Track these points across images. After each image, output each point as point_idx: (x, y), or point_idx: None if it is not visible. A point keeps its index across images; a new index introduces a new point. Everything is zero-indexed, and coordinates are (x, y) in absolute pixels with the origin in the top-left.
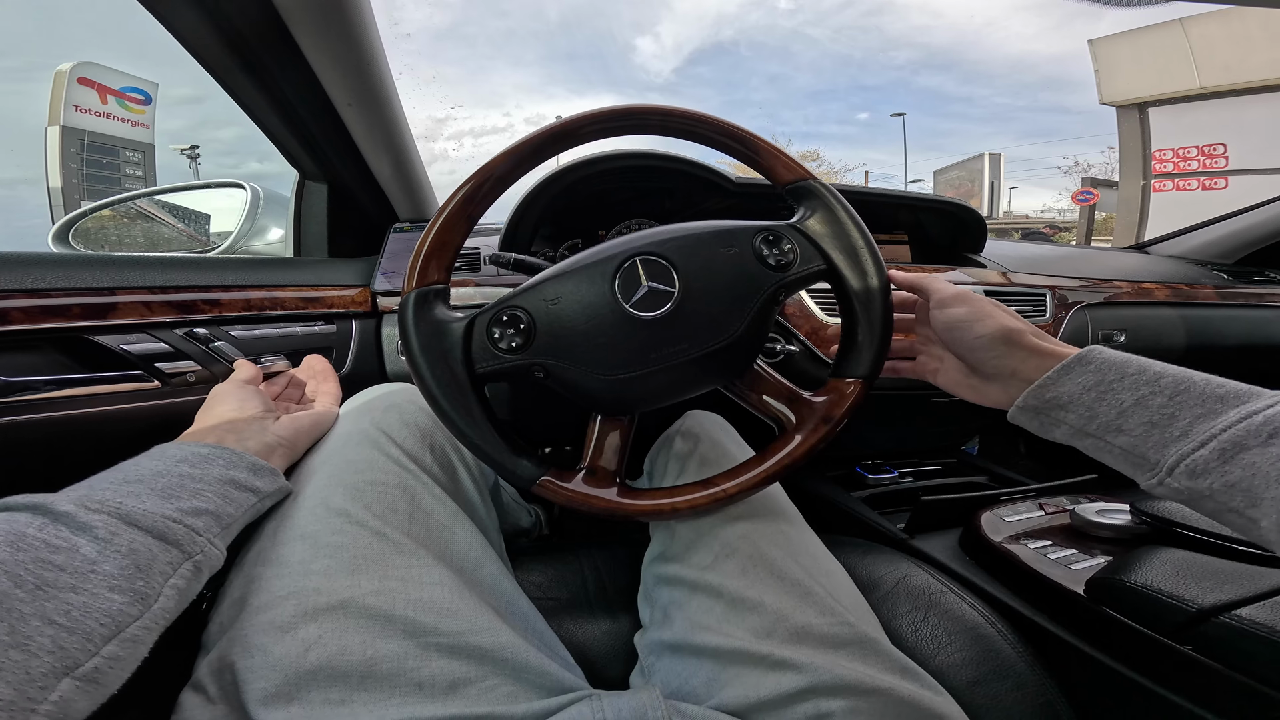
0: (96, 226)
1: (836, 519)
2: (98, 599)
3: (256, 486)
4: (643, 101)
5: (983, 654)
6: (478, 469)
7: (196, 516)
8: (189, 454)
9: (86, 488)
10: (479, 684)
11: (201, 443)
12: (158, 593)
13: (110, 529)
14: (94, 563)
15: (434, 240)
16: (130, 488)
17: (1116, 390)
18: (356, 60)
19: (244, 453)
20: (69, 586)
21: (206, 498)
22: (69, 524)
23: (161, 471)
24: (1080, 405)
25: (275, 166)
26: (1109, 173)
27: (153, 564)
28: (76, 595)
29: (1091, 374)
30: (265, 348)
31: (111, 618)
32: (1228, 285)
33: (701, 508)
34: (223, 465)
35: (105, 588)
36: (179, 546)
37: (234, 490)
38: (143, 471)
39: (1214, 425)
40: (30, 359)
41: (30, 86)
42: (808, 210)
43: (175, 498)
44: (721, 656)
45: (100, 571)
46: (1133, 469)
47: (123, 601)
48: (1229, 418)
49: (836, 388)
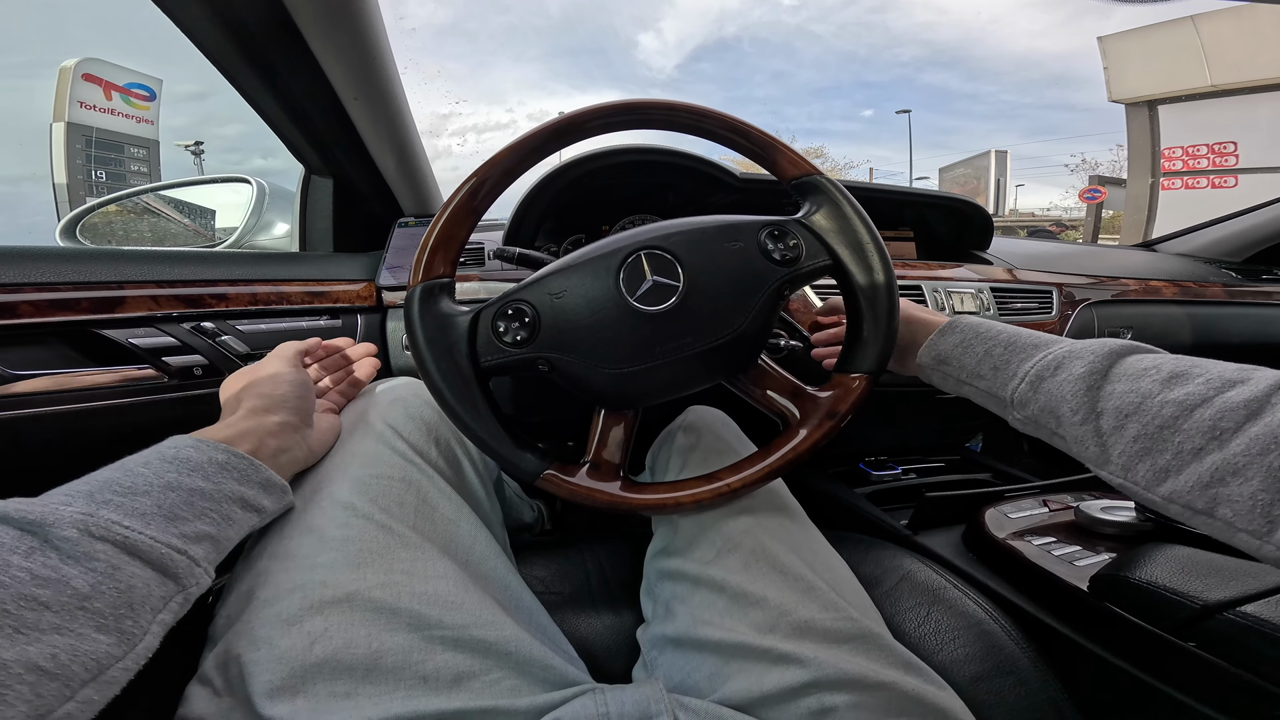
0: (103, 222)
1: (840, 515)
2: (83, 640)
3: (263, 506)
4: (647, 96)
5: (986, 650)
6: (483, 463)
7: (198, 543)
8: (205, 459)
9: (89, 502)
10: (483, 677)
11: (220, 444)
12: (144, 631)
13: (111, 561)
14: (84, 599)
15: (439, 235)
16: (137, 503)
17: (973, 345)
18: (362, 54)
19: (261, 465)
20: (53, 627)
21: (211, 519)
22: (62, 552)
23: (173, 484)
24: (954, 359)
25: (279, 163)
26: (1117, 170)
27: (146, 600)
28: (61, 637)
29: (958, 335)
30: (271, 342)
31: (96, 660)
32: (1236, 283)
33: (705, 502)
34: (235, 479)
35: (92, 627)
36: (176, 579)
37: (239, 510)
38: (152, 480)
39: (1026, 364)
40: (39, 352)
41: (34, 83)
42: (813, 205)
43: (180, 519)
44: (724, 651)
45: (89, 609)
46: (997, 407)
47: (108, 643)
48: (1035, 358)
49: (841, 383)
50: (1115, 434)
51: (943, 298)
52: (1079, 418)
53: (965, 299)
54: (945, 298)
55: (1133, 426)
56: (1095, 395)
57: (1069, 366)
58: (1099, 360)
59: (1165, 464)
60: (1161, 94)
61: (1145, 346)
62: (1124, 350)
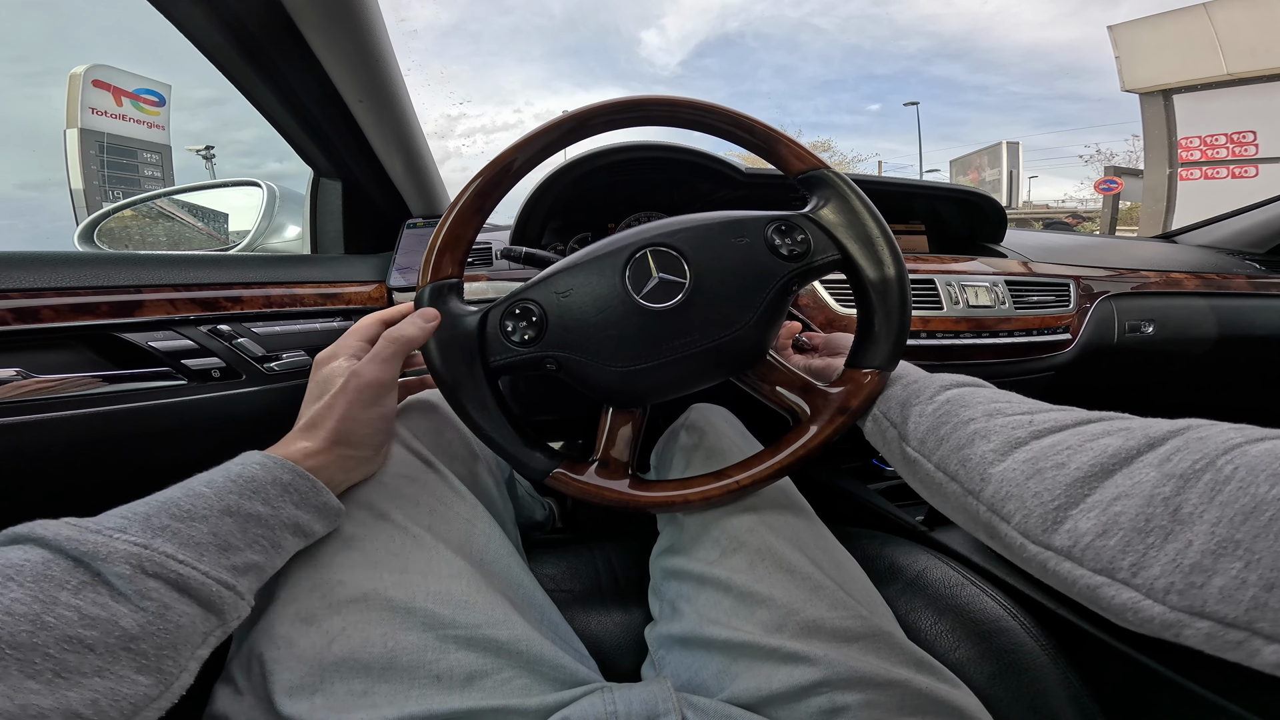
0: (120, 226)
1: (854, 511)
2: (123, 683)
3: (314, 532)
4: (651, 93)
5: (1004, 647)
6: (495, 462)
7: (245, 574)
8: (270, 479)
9: (145, 528)
10: (495, 676)
11: (287, 462)
12: (182, 669)
13: (163, 601)
14: (131, 640)
15: (447, 235)
16: (193, 530)
17: None
18: (365, 58)
19: (323, 488)
20: (95, 670)
21: (262, 547)
22: (114, 589)
23: (231, 508)
24: None
25: (294, 166)
26: (1133, 161)
27: (190, 638)
28: (102, 680)
29: None
30: (286, 344)
31: (133, 703)
32: (1261, 275)
33: (714, 499)
34: (294, 503)
35: (133, 669)
36: (220, 615)
37: (290, 537)
38: (212, 503)
39: None
40: (61, 356)
41: (49, 91)
42: (821, 199)
43: (233, 549)
44: (731, 650)
45: (134, 650)
46: None
47: (147, 684)
48: None
49: (853, 378)
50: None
51: (956, 291)
52: None
53: (980, 292)
54: (959, 291)
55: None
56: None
57: None
58: None
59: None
60: (1176, 83)
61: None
62: None
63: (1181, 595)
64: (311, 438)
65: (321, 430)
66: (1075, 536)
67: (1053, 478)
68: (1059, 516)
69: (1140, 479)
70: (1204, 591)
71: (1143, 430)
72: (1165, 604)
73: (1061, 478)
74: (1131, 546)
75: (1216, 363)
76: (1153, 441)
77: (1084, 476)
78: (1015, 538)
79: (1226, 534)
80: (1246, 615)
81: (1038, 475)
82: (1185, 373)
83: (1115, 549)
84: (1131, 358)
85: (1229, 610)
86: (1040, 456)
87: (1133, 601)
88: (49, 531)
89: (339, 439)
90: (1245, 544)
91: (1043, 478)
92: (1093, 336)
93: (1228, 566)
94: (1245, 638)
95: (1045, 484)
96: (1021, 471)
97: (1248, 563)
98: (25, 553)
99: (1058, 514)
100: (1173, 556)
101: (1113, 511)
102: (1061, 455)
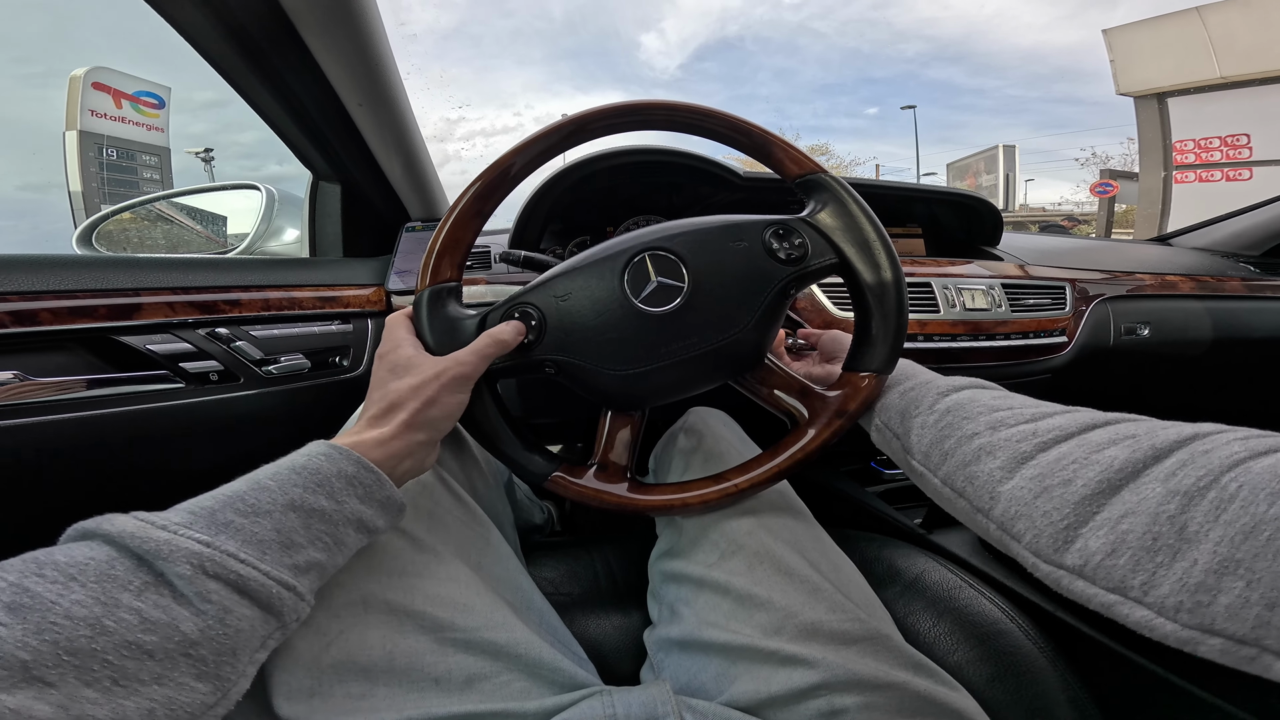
0: (119, 229)
1: (853, 514)
2: (182, 691)
3: (377, 527)
4: (649, 97)
5: (1002, 649)
6: (493, 465)
7: (307, 573)
8: (335, 471)
9: (210, 525)
10: (494, 679)
11: (353, 454)
12: (240, 674)
13: (224, 603)
14: (191, 645)
15: (446, 239)
16: (258, 526)
17: None
18: (364, 61)
19: (387, 481)
20: (154, 678)
21: (324, 544)
22: (175, 591)
23: (296, 503)
24: None
25: (293, 169)
26: (1128, 164)
27: (249, 643)
28: (160, 688)
29: None
30: (284, 347)
31: (189, 712)
32: (1256, 278)
33: (713, 502)
34: (359, 498)
35: (192, 675)
36: (280, 617)
37: (353, 534)
38: (276, 497)
39: None
40: (60, 359)
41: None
42: (818, 204)
43: (296, 546)
44: (730, 653)
45: (193, 655)
46: None
47: (204, 691)
48: None
49: (850, 381)
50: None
51: (953, 294)
52: None
53: (976, 295)
54: (956, 294)
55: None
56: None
57: None
58: None
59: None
60: (1170, 86)
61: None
62: None
63: (1191, 614)
64: (385, 423)
65: (401, 413)
66: (1086, 555)
67: (1060, 496)
68: (1069, 536)
69: (1146, 495)
70: (1211, 610)
71: (1149, 440)
72: (1177, 622)
73: (1069, 495)
74: (1141, 565)
75: (1212, 365)
76: (1158, 453)
77: (1091, 494)
78: (1028, 557)
79: (1228, 553)
80: (1254, 633)
81: (1045, 494)
82: (1181, 375)
83: (1125, 568)
84: (1128, 360)
85: (1237, 628)
86: (1047, 473)
87: (1146, 620)
88: (115, 527)
89: (417, 423)
90: (1245, 563)
91: (1050, 496)
92: (1089, 339)
93: (1230, 585)
94: (1256, 654)
95: (1054, 503)
96: (1029, 490)
97: (1249, 582)
98: (92, 550)
99: (1068, 533)
100: (1180, 575)
101: (1121, 530)
102: (1068, 471)
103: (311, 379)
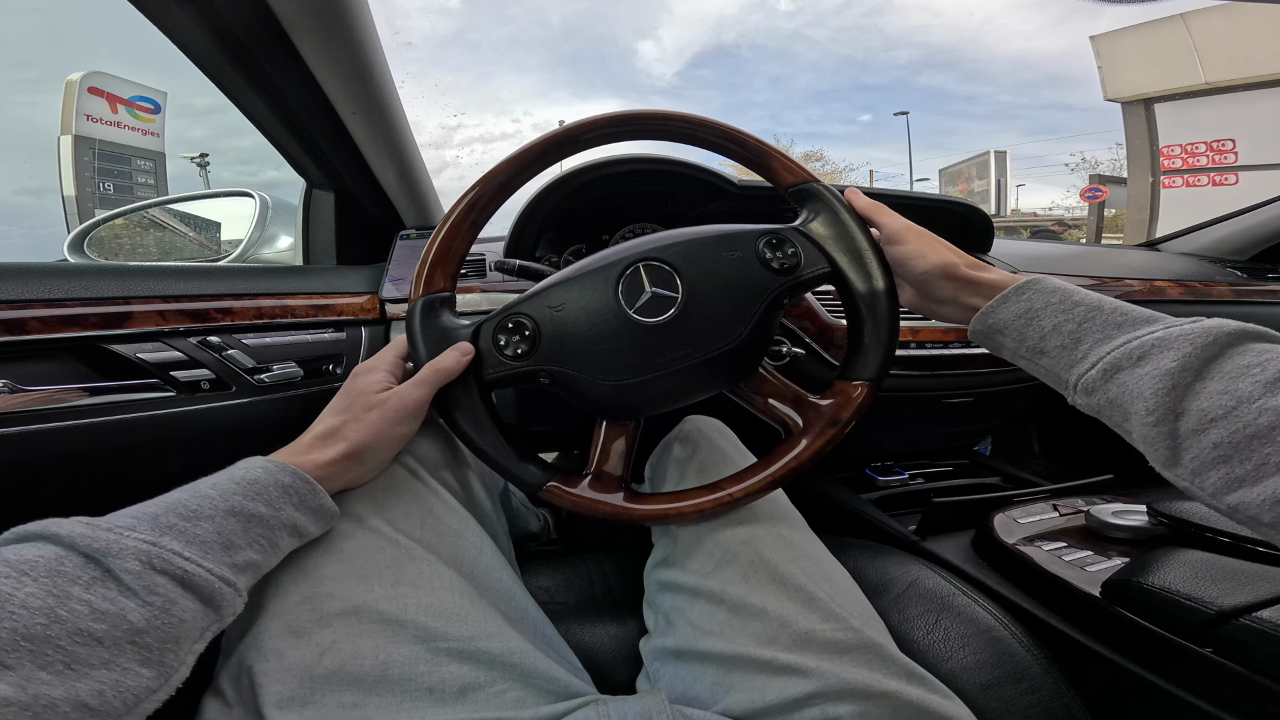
0: (110, 235)
1: (846, 521)
2: (127, 674)
3: (309, 532)
4: (644, 106)
5: (996, 657)
6: (488, 474)
7: (244, 571)
8: (272, 482)
9: (154, 527)
10: (488, 689)
11: (288, 466)
12: (181, 662)
13: (169, 596)
14: (137, 633)
15: (439, 247)
16: (199, 529)
17: (1040, 317)
18: (357, 69)
19: (320, 490)
20: (102, 663)
21: (260, 546)
22: (122, 584)
23: (235, 509)
24: (1013, 330)
25: (290, 174)
26: (1117, 169)
27: (190, 633)
28: (108, 672)
29: (1024, 302)
30: (277, 355)
31: (135, 695)
32: (1242, 282)
33: (708, 512)
34: (294, 505)
35: (137, 661)
36: (218, 610)
37: (287, 538)
38: (217, 504)
39: (1104, 349)
40: (49, 368)
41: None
42: (811, 213)
43: (235, 547)
44: (725, 662)
45: (139, 643)
46: (1057, 386)
47: (149, 676)
48: (1116, 342)
49: (843, 390)
50: (1193, 438)
51: None
52: (1154, 419)
53: None
54: None
55: (1216, 432)
56: (1180, 395)
57: (1156, 358)
58: (1195, 355)
59: (1243, 474)
60: (1156, 92)
61: (1260, 331)
62: (1231, 339)
63: None
64: (327, 449)
65: (341, 443)
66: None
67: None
68: None
69: None
70: None
71: None
72: None
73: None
74: None
75: None
76: None
77: None
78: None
79: None
80: None
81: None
82: None
83: None
84: None
85: None
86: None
87: None
88: (62, 529)
89: (356, 453)
90: None
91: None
92: None
93: None
94: None
95: None
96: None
97: None
98: (39, 549)
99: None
100: None
101: None
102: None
103: (304, 387)
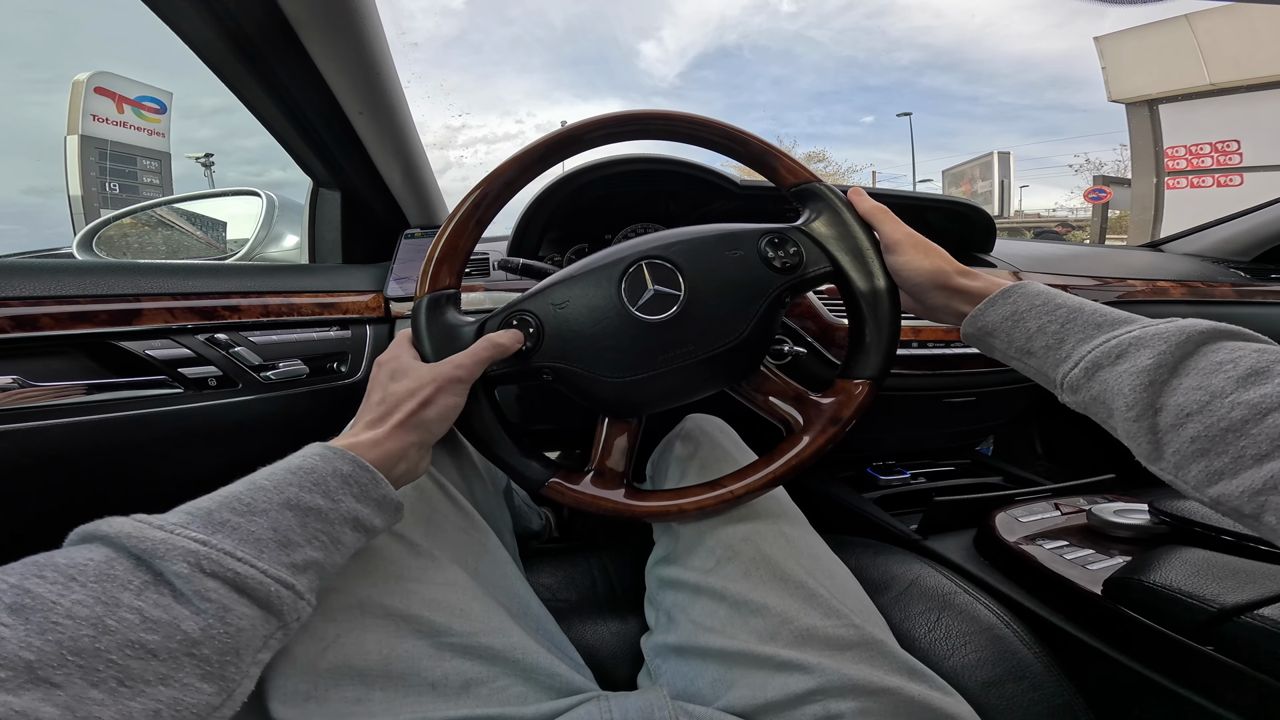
0: (119, 234)
1: (848, 520)
2: (187, 691)
3: (374, 527)
4: (646, 107)
5: (998, 655)
6: (491, 471)
7: (305, 572)
8: (330, 470)
9: (206, 524)
10: (490, 684)
11: (347, 453)
12: (244, 675)
13: (223, 602)
14: (193, 644)
15: (444, 246)
16: (254, 525)
17: (1025, 319)
18: (365, 69)
19: (382, 480)
20: (159, 678)
21: (321, 543)
22: (175, 589)
23: (291, 501)
24: (1001, 332)
25: (296, 174)
26: (1121, 170)
27: (251, 642)
28: (165, 689)
29: (1009, 305)
30: (283, 353)
31: (195, 713)
32: (1246, 283)
33: (709, 509)
34: (354, 497)
35: (197, 676)
36: (280, 616)
37: (350, 533)
38: (272, 497)
39: (1085, 348)
40: (60, 364)
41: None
42: (813, 212)
43: (293, 546)
44: (727, 658)
45: (196, 655)
46: (1047, 385)
47: (210, 692)
48: (1096, 341)
49: (844, 389)
50: (1172, 432)
51: None
52: (1134, 414)
53: None
54: None
55: (1193, 426)
56: (1157, 391)
57: (1133, 356)
58: (1170, 353)
59: (1221, 467)
60: (1161, 93)
61: (1232, 330)
62: (1204, 337)
63: None
64: (380, 425)
65: (396, 414)
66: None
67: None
68: None
69: None
70: None
71: None
72: None
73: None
74: None
75: None
76: None
77: None
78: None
79: None
80: None
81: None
82: None
83: None
84: None
85: None
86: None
87: None
88: (113, 528)
89: (411, 424)
90: None
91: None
92: None
93: None
94: None
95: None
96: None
97: None
98: (91, 551)
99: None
100: None
101: None
102: None
103: (310, 385)
